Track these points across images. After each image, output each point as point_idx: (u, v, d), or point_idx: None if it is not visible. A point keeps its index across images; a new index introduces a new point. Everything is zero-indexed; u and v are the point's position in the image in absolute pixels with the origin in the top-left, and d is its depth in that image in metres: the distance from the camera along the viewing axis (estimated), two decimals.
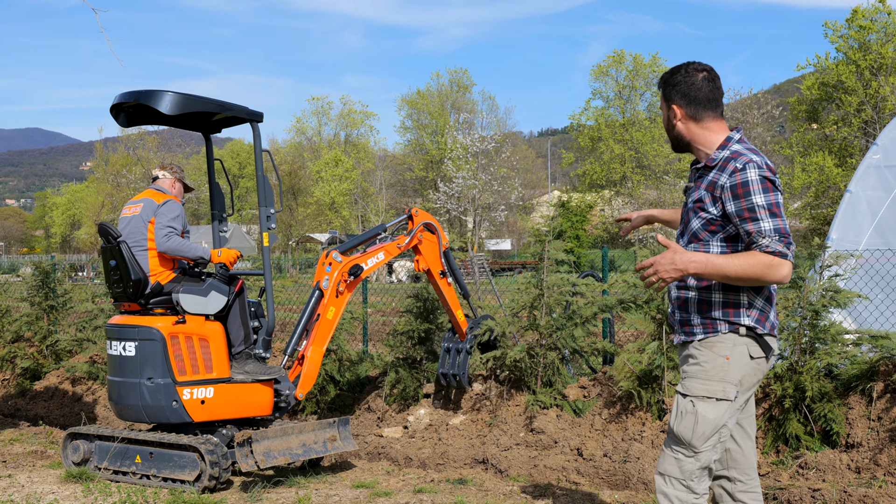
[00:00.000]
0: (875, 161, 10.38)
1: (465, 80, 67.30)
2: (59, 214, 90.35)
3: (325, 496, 6.29)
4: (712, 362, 3.64)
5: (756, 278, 3.49)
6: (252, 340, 7.01)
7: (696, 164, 3.81)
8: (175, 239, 6.87)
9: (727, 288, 3.65)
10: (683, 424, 3.65)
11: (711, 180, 3.65)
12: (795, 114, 44.69)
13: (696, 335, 3.71)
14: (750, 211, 3.51)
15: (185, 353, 6.73)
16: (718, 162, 3.66)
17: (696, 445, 3.64)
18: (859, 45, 40.82)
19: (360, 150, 69.33)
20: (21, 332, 11.52)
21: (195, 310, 6.81)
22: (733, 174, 3.56)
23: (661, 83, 3.81)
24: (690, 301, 3.73)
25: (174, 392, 6.66)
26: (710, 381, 3.64)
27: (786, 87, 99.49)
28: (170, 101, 6.63)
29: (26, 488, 6.64)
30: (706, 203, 3.65)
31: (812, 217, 42.90)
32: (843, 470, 6.13)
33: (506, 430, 7.48)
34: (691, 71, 3.74)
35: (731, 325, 3.65)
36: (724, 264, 3.51)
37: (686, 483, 3.67)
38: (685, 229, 3.78)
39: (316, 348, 7.17)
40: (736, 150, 3.64)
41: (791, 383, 6.55)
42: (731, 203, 3.55)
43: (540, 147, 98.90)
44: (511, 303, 8.47)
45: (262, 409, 7.00)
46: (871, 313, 8.07)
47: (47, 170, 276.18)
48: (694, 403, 3.64)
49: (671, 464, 3.70)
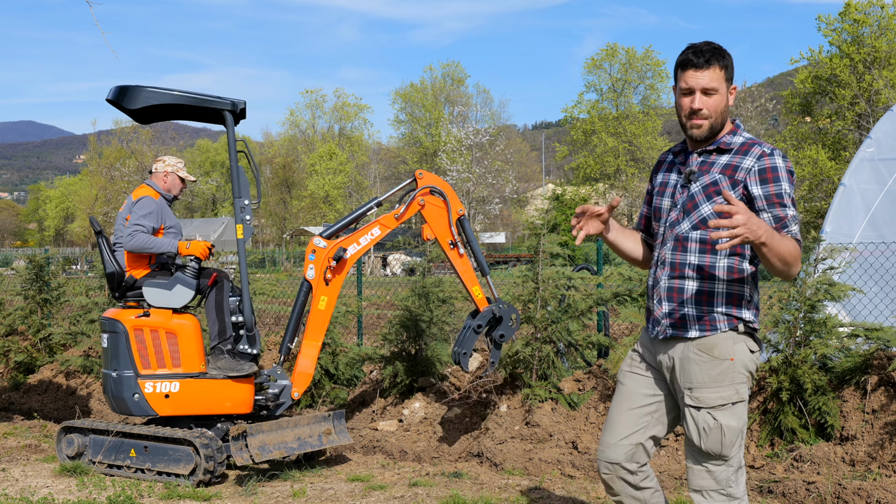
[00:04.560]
0: (869, 154, 10.39)
1: (459, 73, 67.29)
2: (53, 207, 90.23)
3: (321, 490, 6.28)
4: (718, 367, 3.49)
5: (790, 265, 3.30)
6: (229, 335, 6.88)
7: (699, 149, 3.60)
8: (139, 236, 6.90)
9: (731, 279, 3.50)
10: (711, 441, 3.49)
11: (729, 164, 3.51)
12: (789, 107, 44.72)
13: (690, 333, 3.54)
14: (779, 196, 3.41)
15: (150, 347, 6.79)
16: (734, 146, 3.54)
17: (728, 454, 3.51)
18: (853, 38, 40.84)
19: (354, 143, 69.35)
20: (15, 326, 11.49)
21: (159, 303, 6.87)
22: (761, 158, 3.46)
23: (723, 60, 3.49)
24: (687, 292, 3.55)
25: (135, 385, 6.74)
26: (721, 386, 3.49)
27: (779, 81, 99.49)
28: (134, 96, 6.66)
29: (20, 482, 6.63)
30: (723, 187, 3.48)
31: (806, 210, 42.92)
32: (837, 463, 6.14)
33: (501, 423, 7.48)
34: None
35: (729, 322, 3.51)
36: (780, 242, 3.24)
37: (725, 491, 3.52)
38: (683, 216, 3.59)
39: (310, 342, 6.90)
40: (750, 136, 3.57)
41: (786, 376, 6.56)
42: (757, 187, 3.43)
43: (534, 140, 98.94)
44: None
45: (238, 407, 6.84)
46: (865, 306, 8.09)
47: (41, 163, 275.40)
48: (714, 417, 3.48)
49: (704, 478, 3.54)
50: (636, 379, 3.77)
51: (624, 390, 3.79)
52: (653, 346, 3.72)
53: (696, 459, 3.57)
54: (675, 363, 3.59)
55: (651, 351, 3.74)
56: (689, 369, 3.54)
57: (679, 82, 3.55)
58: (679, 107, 3.58)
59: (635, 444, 3.71)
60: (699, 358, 3.52)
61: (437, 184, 6.98)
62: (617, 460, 3.71)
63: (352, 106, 71.29)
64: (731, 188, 3.47)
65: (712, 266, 3.52)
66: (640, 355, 3.81)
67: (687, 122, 3.57)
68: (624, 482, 3.73)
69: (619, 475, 3.72)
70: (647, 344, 3.79)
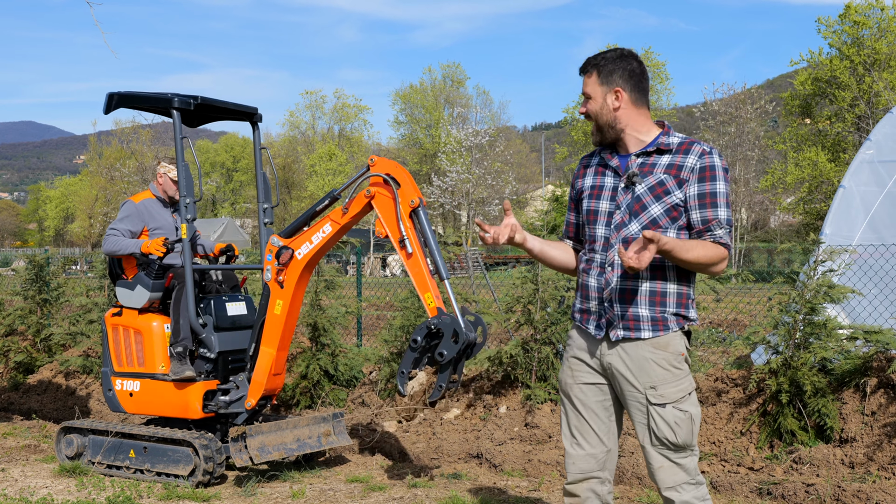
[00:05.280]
0: (868, 156, 10.39)
1: (459, 74, 67.33)
2: (53, 208, 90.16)
3: (320, 490, 6.28)
4: (673, 363, 3.55)
5: (707, 266, 3.46)
6: (182, 337, 6.73)
7: (636, 151, 3.62)
8: (109, 240, 7.00)
9: (681, 277, 3.56)
10: (684, 432, 3.53)
11: (672, 163, 3.55)
12: (789, 109, 44.75)
13: (643, 333, 3.55)
14: (712, 196, 3.49)
15: (122, 345, 6.97)
16: (673, 146, 3.59)
17: (694, 443, 3.59)
18: (852, 40, 40.87)
19: (354, 144, 69.36)
20: (14, 326, 11.49)
21: (126, 303, 7.01)
22: (702, 156, 3.53)
23: (596, 65, 3.62)
24: (641, 293, 3.56)
25: (110, 381, 7.02)
26: (679, 380, 3.55)
27: (779, 83, 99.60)
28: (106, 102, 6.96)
29: (20, 482, 6.63)
30: (670, 187, 3.53)
31: (805, 212, 42.97)
32: (836, 465, 6.14)
33: (500, 424, 7.49)
34: (628, 56, 3.64)
35: (678, 322, 3.57)
36: (687, 245, 3.42)
37: (695, 479, 3.58)
38: (630, 218, 3.57)
39: (265, 349, 6.52)
40: (685, 136, 3.64)
41: (786, 378, 6.56)
42: (695, 185, 3.51)
43: (534, 141, 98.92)
44: (505, 297, 8.47)
45: (184, 412, 6.71)
46: (865, 308, 8.09)
47: (41, 163, 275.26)
48: (681, 409, 3.53)
49: (677, 473, 3.57)
50: (586, 390, 3.73)
51: (578, 405, 3.75)
52: (596, 349, 3.68)
53: (665, 458, 3.58)
54: (630, 364, 3.59)
55: (594, 354, 3.70)
56: (648, 368, 3.56)
57: None
58: None
59: (606, 452, 3.74)
60: (656, 356, 3.55)
61: (391, 170, 5.99)
62: (591, 471, 3.71)
63: (352, 107, 71.32)
64: (677, 188, 3.53)
65: (663, 266, 3.56)
66: (581, 361, 3.75)
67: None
68: (595, 495, 3.73)
69: (591, 487, 3.72)
70: (586, 348, 3.73)
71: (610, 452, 3.74)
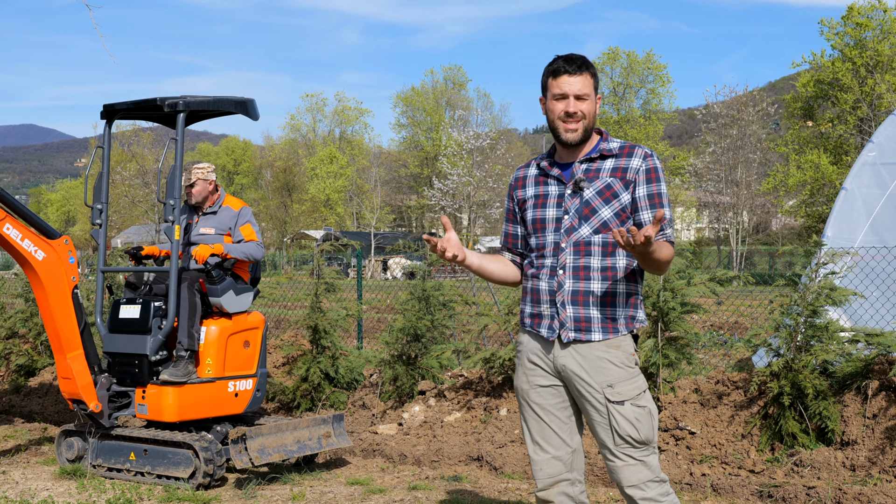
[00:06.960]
0: (870, 159, 10.39)
1: (460, 76, 67.41)
2: (54, 211, 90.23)
3: (320, 493, 6.28)
4: (627, 361, 3.61)
5: (666, 263, 3.52)
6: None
7: (579, 157, 3.67)
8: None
9: (630, 278, 3.64)
10: (645, 427, 3.58)
11: (616, 167, 3.64)
12: (791, 111, 44.76)
13: (593, 335, 3.60)
14: (660, 196, 3.62)
15: None
16: (615, 150, 3.68)
17: (655, 440, 3.63)
18: (855, 42, 40.91)
19: (355, 146, 69.38)
20: (16, 329, 11.48)
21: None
22: (646, 158, 3.64)
23: (588, 67, 3.63)
24: (593, 294, 3.60)
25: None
26: (633, 378, 3.61)
27: (781, 85, 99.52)
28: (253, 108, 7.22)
29: (21, 485, 6.63)
30: (617, 189, 3.62)
31: (807, 215, 43.00)
32: (838, 468, 6.14)
33: (501, 427, 7.48)
34: None
35: (627, 325, 3.63)
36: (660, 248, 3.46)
37: (658, 477, 3.61)
38: (581, 222, 3.62)
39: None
40: (625, 141, 3.73)
41: (787, 381, 6.55)
42: (643, 186, 3.61)
43: (535, 144, 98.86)
44: (506, 300, 8.46)
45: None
46: (867, 311, 8.09)
47: (42, 166, 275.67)
48: (639, 405, 3.58)
49: (641, 471, 3.59)
50: (543, 393, 3.73)
51: (537, 409, 3.75)
52: (549, 351, 3.69)
53: (629, 456, 3.60)
54: (585, 364, 3.61)
55: (547, 357, 3.70)
56: (604, 367, 3.60)
57: (552, 89, 3.63)
58: (551, 112, 3.65)
59: (571, 452, 3.75)
60: (610, 355, 3.60)
61: None
62: (559, 474, 3.72)
63: (352, 110, 71.33)
64: (624, 190, 3.62)
65: (614, 268, 3.63)
66: (535, 365, 3.74)
67: (561, 127, 3.64)
68: (568, 497, 3.73)
69: (563, 490, 3.72)
70: (539, 351, 3.73)
71: (575, 452, 3.76)
